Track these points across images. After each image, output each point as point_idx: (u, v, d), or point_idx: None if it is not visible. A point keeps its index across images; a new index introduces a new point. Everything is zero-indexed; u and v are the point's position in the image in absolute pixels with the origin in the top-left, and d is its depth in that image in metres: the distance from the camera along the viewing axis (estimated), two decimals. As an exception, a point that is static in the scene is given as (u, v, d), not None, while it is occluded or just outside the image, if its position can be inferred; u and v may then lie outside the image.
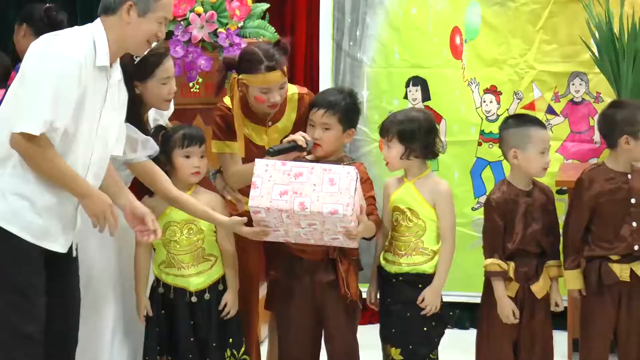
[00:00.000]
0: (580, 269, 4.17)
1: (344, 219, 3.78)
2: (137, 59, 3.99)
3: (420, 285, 4.08)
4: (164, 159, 4.08)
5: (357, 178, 3.84)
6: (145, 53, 3.93)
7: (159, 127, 4.18)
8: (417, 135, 4.07)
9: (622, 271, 4.12)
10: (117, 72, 3.73)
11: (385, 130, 4.12)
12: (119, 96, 3.77)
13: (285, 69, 4.17)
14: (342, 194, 3.79)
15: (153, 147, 4.03)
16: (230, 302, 4.11)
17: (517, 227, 4.09)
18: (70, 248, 3.74)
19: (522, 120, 4.22)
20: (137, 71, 4.01)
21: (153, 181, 4.05)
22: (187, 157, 4.08)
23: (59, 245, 3.65)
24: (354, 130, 4.18)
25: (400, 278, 4.10)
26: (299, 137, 4.06)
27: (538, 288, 4.12)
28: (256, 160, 3.92)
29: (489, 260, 4.10)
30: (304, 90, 4.41)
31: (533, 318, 4.14)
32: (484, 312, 4.22)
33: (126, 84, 3.91)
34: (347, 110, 4.12)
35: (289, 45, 4.27)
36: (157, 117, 4.28)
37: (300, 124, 4.24)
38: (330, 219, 3.79)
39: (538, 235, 4.12)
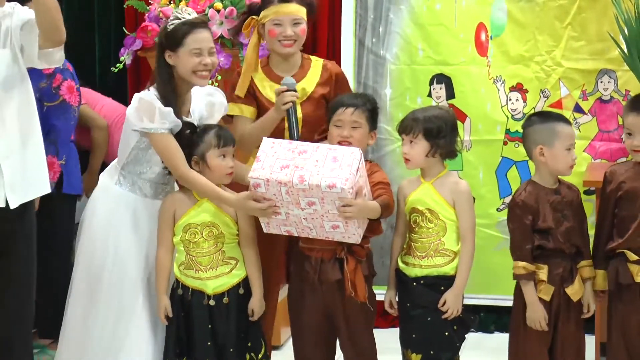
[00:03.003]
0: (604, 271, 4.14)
1: (342, 193, 3.75)
2: (170, 28, 4.01)
3: (442, 288, 4.03)
4: (198, 159, 4.06)
5: (361, 158, 3.83)
6: (179, 22, 4.00)
7: (190, 125, 4.14)
8: (444, 132, 4.06)
9: (639, 272, 4.08)
10: None
11: (409, 127, 4.09)
12: (1, 29, 3.79)
13: (301, 7, 4.31)
14: (343, 169, 3.79)
15: (174, 121, 4.03)
16: (257, 309, 4.09)
17: (547, 227, 4.02)
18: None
19: (547, 116, 4.19)
20: (168, 40, 4.04)
21: (168, 156, 4.05)
22: (223, 156, 4.05)
23: None
24: (376, 133, 4.19)
25: (422, 281, 4.04)
26: (283, 87, 4.14)
27: (574, 291, 4.06)
28: (264, 138, 3.95)
29: (514, 263, 4.03)
30: (330, 61, 4.52)
31: (568, 322, 4.07)
32: (518, 317, 4.13)
33: (160, 54, 4.01)
34: (372, 111, 4.15)
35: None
36: (204, 115, 4.24)
37: (320, 88, 4.34)
38: (328, 195, 3.76)
39: (572, 234, 4.06)
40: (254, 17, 4.36)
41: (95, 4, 6.18)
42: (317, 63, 4.42)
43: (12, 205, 3.85)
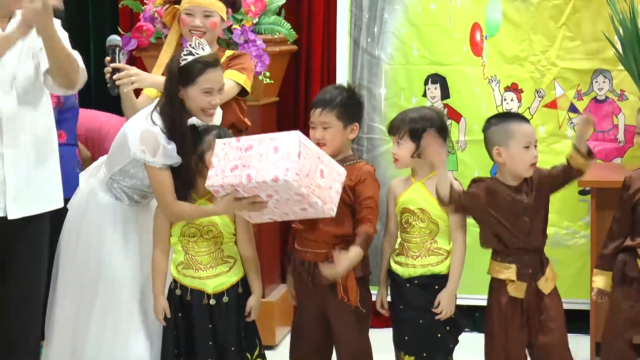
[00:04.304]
0: (610, 273, 4.20)
1: (287, 185, 3.71)
2: (183, 63, 4.02)
3: (436, 287, 4.04)
4: (197, 159, 4.06)
5: (300, 141, 3.77)
6: (193, 58, 4.01)
7: (191, 127, 4.15)
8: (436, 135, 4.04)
9: None
10: (14, 23, 3.80)
11: (395, 128, 4.10)
12: (27, 42, 3.80)
13: (216, 1, 4.55)
14: (284, 159, 3.73)
15: (174, 158, 4.03)
16: (255, 307, 4.09)
17: (511, 226, 4.03)
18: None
19: (502, 117, 4.21)
20: (180, 75, 4.03)
21: (160, 190, 4.05)
22: None
23: None
24: (358, 125, 4.15)
25: (416, 282, 4.05)
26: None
27: (545, 283, 4.06)
28: (216, 140, 3.96)
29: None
30: (239, 52, 4.75)
31: (545, 317, 4.07)
32: (491, 315, 4.14)
33: (171, 87, 4.02)
34: (345, 105, 4.09)
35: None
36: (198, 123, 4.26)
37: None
38: (279, 187, 3.74)
39: (532, 234, 4.06)
40: (176, 6, 4.57)
41: (90, 4, 6.17)
42: (227, 53, 4.60)
43: (10, 216, 3.83)
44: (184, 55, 4.03)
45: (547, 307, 4.07)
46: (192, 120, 4.16)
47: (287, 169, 3.70)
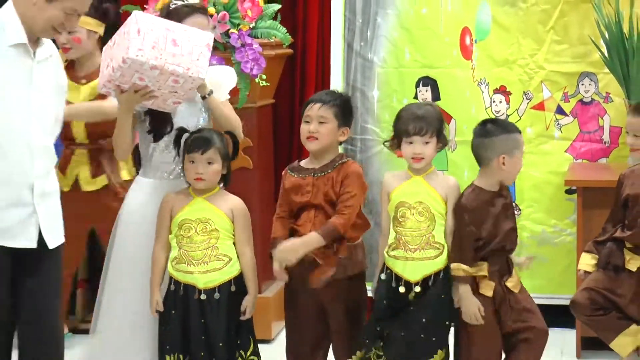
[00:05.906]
0: (595, 255, 4.43)
1: (137, 62, 3.79)
2: (173, 7, 4.10)
3: (443, 296, 4.06)
4: (182, 162, 4.13)
5: (137, 20, 3.82)
6: (182, 3, 4.08)
7: (181, 130, 4.17)
8: (444, 126, 4.12)
9: (631, 259, 4.34)
10: (45, 50, 3.70)
11: (423, 128, 4.05)
12: (55, 77, 3.74)
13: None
14: (127, 40, 3.82)
15: None
16: (250, 307, 4.11)
17: (493, 228, 4.06)
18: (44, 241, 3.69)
19: (504, 126, 4.19)
20: (168, 17, 4.06)
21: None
22: (192, 162, 4.07)
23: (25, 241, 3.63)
24: (349, 130, 4.19)
25: (418, 290, 4.05)
26: None
27: (514, 283, 4.11)
28: None
29: (455, 265, 4.02)
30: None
31: (515, 312, 4.10)
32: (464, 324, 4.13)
33: None
34: (343, 106, 4.14)
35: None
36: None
37: None
38: (137, 67, 3.81)
39: (512, 232, 4.11)
40: None
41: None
42: None
43: (51, 246, 3.72)
44: (174, 1, 4.16)
45: (519, 298, 4.09)
46: (179, 123, 4.17)
47: (128, 48, 3.78)
